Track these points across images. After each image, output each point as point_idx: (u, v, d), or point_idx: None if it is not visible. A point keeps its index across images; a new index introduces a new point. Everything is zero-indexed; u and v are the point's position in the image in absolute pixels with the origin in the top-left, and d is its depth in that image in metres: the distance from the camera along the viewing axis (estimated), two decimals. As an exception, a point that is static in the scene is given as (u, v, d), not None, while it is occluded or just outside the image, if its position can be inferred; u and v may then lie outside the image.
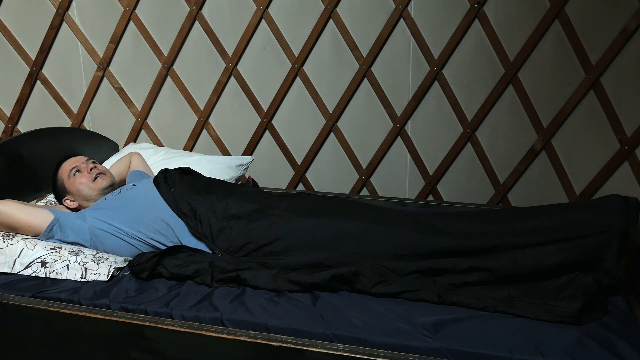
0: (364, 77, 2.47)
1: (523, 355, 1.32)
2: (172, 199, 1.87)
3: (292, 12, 2.47)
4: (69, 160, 2.13)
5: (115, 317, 1.52)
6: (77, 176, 2.06)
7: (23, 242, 1.80)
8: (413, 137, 2.50)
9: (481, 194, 2.47)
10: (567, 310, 1.42)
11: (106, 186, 2.06)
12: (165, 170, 2.06)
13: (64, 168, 2.09)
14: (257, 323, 1.48)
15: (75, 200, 2.06)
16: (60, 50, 2.75)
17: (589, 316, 1.44)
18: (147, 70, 2.69)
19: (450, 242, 1.60)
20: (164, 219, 1.84)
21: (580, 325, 1.41)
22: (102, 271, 1.74)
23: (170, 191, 1.91)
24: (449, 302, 1.53)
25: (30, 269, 1.77)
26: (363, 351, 1.34)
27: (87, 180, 2.05)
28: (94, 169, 2.08)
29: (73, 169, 2.07)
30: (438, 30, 2.34)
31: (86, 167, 2.08)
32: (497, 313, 1.47)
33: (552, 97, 2.30)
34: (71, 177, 2.06)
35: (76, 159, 2.13)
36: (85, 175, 2.06)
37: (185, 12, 2.56)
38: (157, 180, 1.98)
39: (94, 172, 2.07)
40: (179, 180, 1.98)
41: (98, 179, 2.06)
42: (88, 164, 2.09)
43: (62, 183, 2.07)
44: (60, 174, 2.09)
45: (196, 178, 2.08)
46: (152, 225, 1.84)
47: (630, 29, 2.12)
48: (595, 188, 2.33)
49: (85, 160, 2.11)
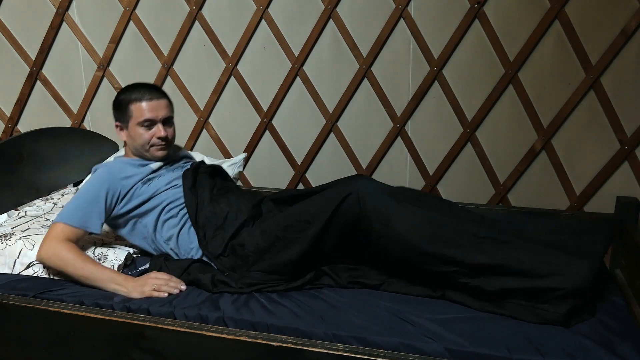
0: (364, 77, 2.47)
1: (522, 355, 1.32)
2: (194, 210, 1.82)
3: (292, 12, 2.47)
4: (152, 103, 1.84)
5: (116, 317, 1.52)
6: (143, 129, 1.85)
7: (21, 242, 1.80)
8: (413, 137, 2.50)
9: (481, 194, 2.47)
10: (555, 314, 1.42)
11: (161, 158, 1.91)
12: (196, 169, 1.94)
13: (140, 107, 1.83)
14: (257, 322, 1.49)
15: (125, 138, 1.90)
16: (60, 50, 2.75)
17: (577, 318, 1.43)
18: (147, 70, 2.69)
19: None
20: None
21: (568, 328, 1.40)
22: None
23: (193, 199, 1.83)
24: (439, 295, 1.55)
25: (32, 269, 1.77)
26: (363, 351, 1.34)
27: (149, 140, 1.85)
28: (165, 139, 1.87)
29: (147, 121, 1.84)
30: (438, 30, 2.34)
31: (159, 131, 1.85)
32: (490, 314, 1.48)
33: (552, 97, 2.30)
34: (138, 125, 1.84)
35: (157, 107, 1.84)
36: (151, 136, 1.85)
37: (185, 12, 2.56)
38: (186, 179, 1.89)
39: (162, 141, 1.87)
40: (207, 189, 1.88)
41: (160, 151, 1.89)
42: (164, 130, 1.86)
43: (128, 116, 1.85)
44: (133, 105, 1.84)
45: (223, 189, 1.93)
46: (167, 235, 1.83)
47: (630, 29, 2.13)
48: (595, 188, 2.33)
49: (162, 116, 1.85)
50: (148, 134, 1.85)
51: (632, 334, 1.41)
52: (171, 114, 1.90)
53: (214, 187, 1.90)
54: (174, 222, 1.84)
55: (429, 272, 1.54)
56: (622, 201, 2.17)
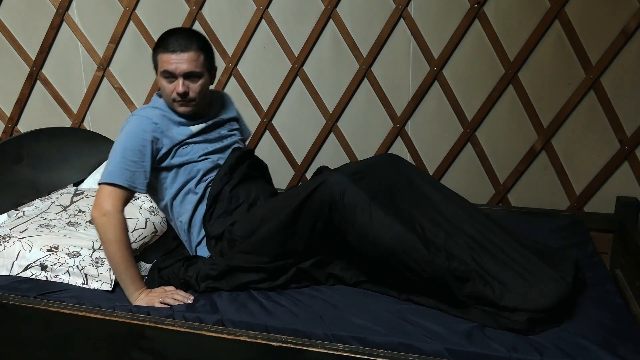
0: (364, 77, 2.47)
1: (522, 355, 1.32)
2: (217, 192, 1.78)
3: (292, 12, 2.47)
4: (174, 55, 1.70)
5: (116, 317, 1.52)
6: (165, 81, 1.74)
7: (19, 244, 1.80)
8: (413, 137, 2.50)
9: (481, 194, 2.47)
10: (516, 323, 1.41)
11: (187, 114, 1.79)
12: (240, 160, 1.85)
13: (162, 57, 1.72)
14: (257, 324, 1.49)
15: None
16: (60, 50, 2.75)
17: (542, 326, 1.43)
18: (147, 70, 2.66)
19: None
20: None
21: (533, 335, 1.40)
22: (103, 278, 1.74)
23: (220, 183, 1.78)
24: (406, 299, 1.56)
25: (30, 271, 1.76)
26: (363, 351, 1.35)
27: (170, 94, 1.74)
28: (184, 96, 1.73)
29: (166, 73, 1.72)
30: (438, 30, 2.34)
31: (177, 86, 1.71)
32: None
33: (552, 97, 2.30)
34: (161, 75, 1.74)
35: (178, 60, 1.69)
36: (171, 90, 1.73)
37: (185, 12, 2.56)
38: (230, 165, 1.81)
39: (181, 97, 1.73)
40: (237, 174, 1.82)
41: (182, 107, 1.76)
42: (183, 85, 1.71)
43: (155, 64, 1.77)
44: (158, 54, 1.74)
45: (247, 178, 1.86)
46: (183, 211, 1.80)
47: (630, 29, 2.12)
48: (595, 188, 2.33)
49: (183, 71, 1.70)
50: (169, 87, 1.73)
51: (632, 334, 1.41)
52: (196, 68, 1.72)
53: (242, 174, 1.86)
54: (194, 199, 1.80)
55: (395, 272, 1.55)
56: (622, 201, 2.18)
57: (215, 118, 1.90)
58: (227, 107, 1.98)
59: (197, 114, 1.82)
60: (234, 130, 1.96)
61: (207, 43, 1.80)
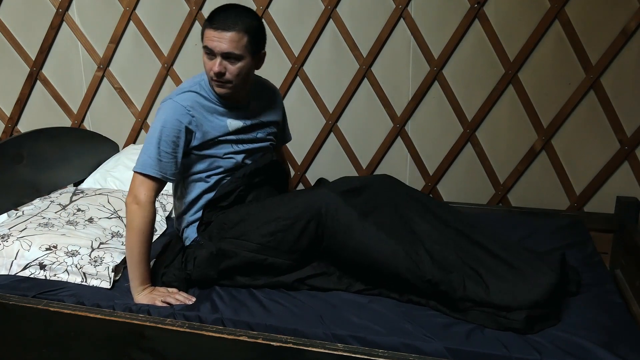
0: (364, 77, 2.47)
1: (522, 354, 1.32)
2: (228, 190, 1.78)
3: (292, 12, 2.47)
4: (216, 32, 1.62)
5: (116, 317, 1.52)
6: (206, 57, 1.68)
7: (18, 243, 1.81)
8: (413, 137, 2.50)
9: (481, 194, 2.47)
10: (514, 322, 1.42)
11: (222, 96, 1.73)
12: (264, 168, 1.83)
13: (206, 32, 1.65)
14: (257, 323, 1.49)
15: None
16: (60, 50, 2.75)
17: (542, 324, 1.43)
18: (147, 70, 2.69)
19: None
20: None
21: (532, 334, 1.41)
22: (102, 277, 1.74)
23: (234, 184, 1.78)
24: (407, 300, 1.57)
25: (28, 270, 1.76)
26: (363, 351, 1.35)
27: (208, 71, 1.68)
28: (219, 76, 1.66)
29: (206, 49, 1.66)
30: (438, 30, 2.34)
31: (214, 65, 1.65)
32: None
33: (552, 97, 2.30)
34: (203, 50, 1.68)
35: (220, 38, 1.62)
36: (209, 67, 1.66)
37: (185, 12, 2.56)
38: (254, 169, 1.80)
39: (216, 77, 1.67)
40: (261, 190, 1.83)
41: (218, 88, 1.70)
42: (219, 65, 1.64)
43: (202, 35, 1.69)
44: (205, 27, 1.66)
45: (260, 182, 1.85)
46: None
47: (630, 29, 2.12)
48: (595, 188, 2.33)
49: (222, 50, 1.63)
50: (208, 63, 1.67)
51: (632, 334, 1.41)
52: (236, 50, 1.63)
53: (260, 181, 1.85)
54: (204, 186, 1.79)
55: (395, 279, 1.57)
56: (622, 201, 2.18)
57: (256, 118, 1.84)
58: (273, 106, 1.93)
59: (235, 99, 1.76)
60: (272, 134, 1.91)
61: (257, 25, 1.70)
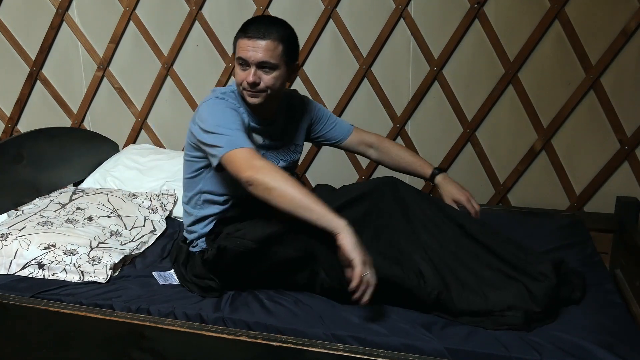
0: (364, 77, 2.47)
1: (521, 354, 1.32)
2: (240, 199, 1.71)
3: (292, 12, 2.46)
4: (250, 42, 1.58)
5: (115, 317, 1.52)
6: (239, 68, 1.63)
7: (17, 242, 1.80)
8: (413, 137, 2.50)
9: (481, 194, 2.47)
10: (513, 318, 1.42)
11: (253, 107, 1.68)
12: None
13: (240, 42, 1.62)
14: (257, 323, 1.49)
15: None
16: (60, 50, 2.75)
17: (538, 323, 1.44)
18: (147, 70, 2.69)
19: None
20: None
21: (529, 331, 1.41)
22: (99, 274, 1.74)
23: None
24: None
25: (27, 269, 1.76)
26: (363, 351, 1.34)
27: (241, 82, 1.63)
28: (253, 86, 1.61)
29: (240, 59, 1.61)
30: (438, 30, 2.34)
31: (248, 75, 1.60)
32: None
33: (552, 97, 2.30)
34: (236, 61, 1.63)
35: (255, 47, 1.58)
36: (242, 78, 1.62)
37: (185, 12, 2.56)
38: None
39: (250, 87, 1.61)
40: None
41: (250, 98, 1.64)
42: (253, 75, 1.60)
43: (234, 47, 1.65)
44: (238, 38, 1.63)
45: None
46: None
47: (630, 29, 2.12)
48: (595, 188, 2.33)
49: (257, 60, 1.58)
50: (240, 75, 1.62)
51: (632, 334, 1.41)
52: (271, 59, 1.59)
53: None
54: (221, 208, 1.75)
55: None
56: (622, 201, 2.18)
57: (282, 139, 1.80)
58: (300, 122, 1.86)
59: (263, 114, 1.71)
60: (297, 152, 1.87)
61: (291, 35, 1.67)
